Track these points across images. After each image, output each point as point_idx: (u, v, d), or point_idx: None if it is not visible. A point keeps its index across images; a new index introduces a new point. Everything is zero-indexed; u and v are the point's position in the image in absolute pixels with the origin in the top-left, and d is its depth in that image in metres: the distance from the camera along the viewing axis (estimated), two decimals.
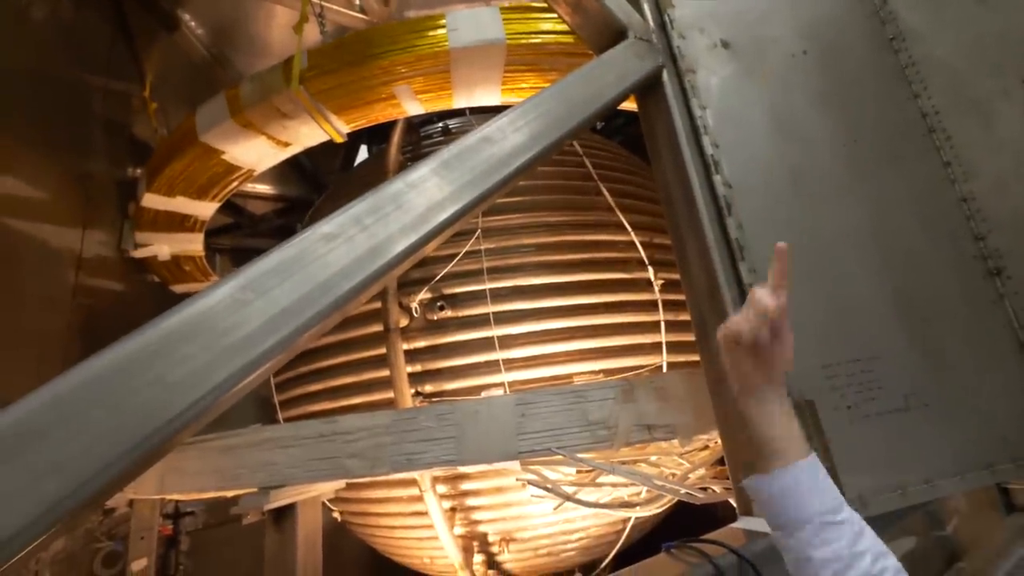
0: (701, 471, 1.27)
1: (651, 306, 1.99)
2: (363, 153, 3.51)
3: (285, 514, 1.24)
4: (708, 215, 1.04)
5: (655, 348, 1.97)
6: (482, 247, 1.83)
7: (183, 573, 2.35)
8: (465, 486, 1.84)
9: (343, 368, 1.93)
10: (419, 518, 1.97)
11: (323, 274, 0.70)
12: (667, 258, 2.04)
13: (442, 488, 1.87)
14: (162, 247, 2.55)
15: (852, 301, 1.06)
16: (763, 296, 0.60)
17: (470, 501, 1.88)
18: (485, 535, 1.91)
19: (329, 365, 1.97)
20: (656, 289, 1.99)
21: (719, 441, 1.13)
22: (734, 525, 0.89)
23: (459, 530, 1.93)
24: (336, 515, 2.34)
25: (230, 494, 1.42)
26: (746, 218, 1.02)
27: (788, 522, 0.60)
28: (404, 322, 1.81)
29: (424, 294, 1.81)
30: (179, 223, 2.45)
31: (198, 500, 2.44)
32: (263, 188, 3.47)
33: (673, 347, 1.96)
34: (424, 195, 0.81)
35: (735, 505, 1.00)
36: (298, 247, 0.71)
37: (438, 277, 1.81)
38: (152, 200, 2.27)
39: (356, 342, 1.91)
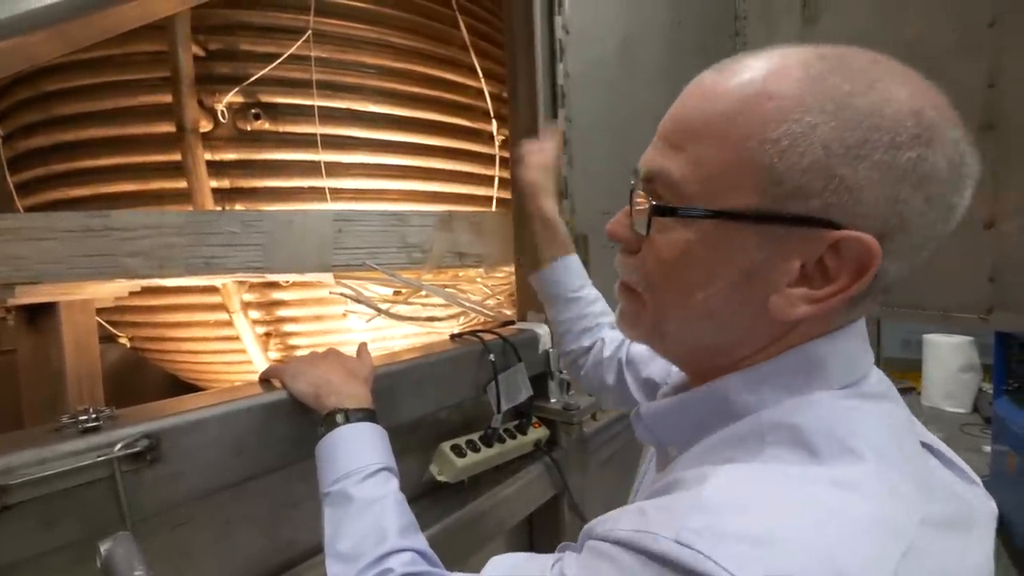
0: (500, 298, 1.50)
1: (489, 160, 2.05)
2: None
3: (42, 314, 1.08)
4: (543, 57, 1.08)
5: (486, 202, 2.08)
6: (312, 54, 1.58)
7: None
8: (281, 312, 1.82)
9: (121, 172, 1.58)
10: (229, 343, 1.92)
11: None
12: None
13: (255, 314, 1.81)
14: None
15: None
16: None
17: (287, 327, 1.89)
18: None
19: (100, 166, 1.59)
20: (496, 145, 2.04)
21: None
22: (513, 325, 1.12)
23: (274, 355, 1.95)
24: (125, 342, 2.12)
25: None
26: (573, 68, 1.09)
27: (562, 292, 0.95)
28: (207, 126, 1.53)
29: (234, 96, 1.53)
30: None
31: None
32: None
33: (503, 204, 2.10)
34: None
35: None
36: None
37: (253, 79, 1.53)
38: None
39: (138, 141, 1.56)
